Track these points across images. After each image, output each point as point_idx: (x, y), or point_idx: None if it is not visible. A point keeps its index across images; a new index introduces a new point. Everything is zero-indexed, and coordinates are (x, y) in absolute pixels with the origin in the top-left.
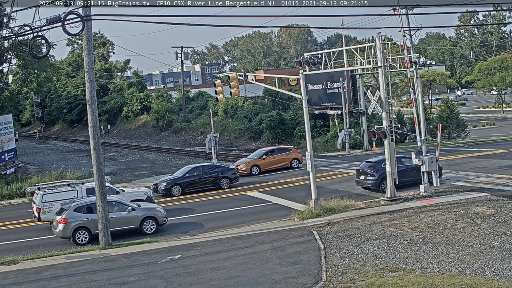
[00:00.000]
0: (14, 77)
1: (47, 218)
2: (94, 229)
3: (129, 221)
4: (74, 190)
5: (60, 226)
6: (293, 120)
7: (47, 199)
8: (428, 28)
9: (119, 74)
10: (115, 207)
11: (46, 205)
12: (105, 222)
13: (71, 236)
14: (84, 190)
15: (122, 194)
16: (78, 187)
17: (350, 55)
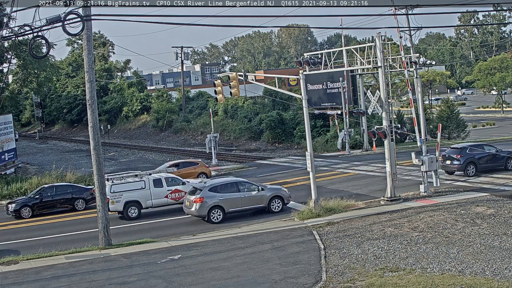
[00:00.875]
0: (14, 77)
1: (115, 208)
2: (227, 208)
3: (259, 200)
4: (141, 181)
5: (196, 205)
6: (293, 120)
7: (116, 189)
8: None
9: (119, 74)
10: (245, 187)
11: (115, 195)
12: (105, 222)
13: (206, 214)
14: (151, 180)
15: (187, 184)
16: (145, 178)
17: (350, 55)
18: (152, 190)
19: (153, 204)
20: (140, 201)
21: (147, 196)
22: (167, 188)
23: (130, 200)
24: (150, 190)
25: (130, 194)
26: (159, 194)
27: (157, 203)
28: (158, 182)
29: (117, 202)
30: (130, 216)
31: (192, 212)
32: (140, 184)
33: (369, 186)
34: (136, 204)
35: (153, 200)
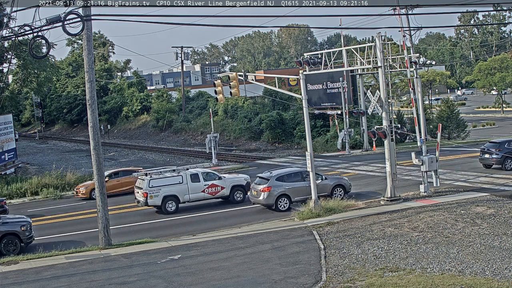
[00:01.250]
0: (14, 77)
1: (153, 203)
2: (293, 196)
3: (322, 188)
4: (179, 176)
5: (264, 194)
6: (293, 120)
7: (154, 184)
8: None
9: (119, 74)
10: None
11: (153, 190)
12: (105, 222)
13: (274, 203)
14: (189, 175)
15: (224, 179)
16: (183, 173)
17: (350, 55)
18: (189, 184)
19: (190, 198)
20: (178, 196)
21: (184, 191)
22: (204, 182)
23: (168, 195)
24: (188, 185)
25: (168, 189)
26: (196, 189)
27: (194, 197)
28: (195, 177)
29: (156, 197)
30: (168, 211)
31: (260, 201)
32: (178, 178)
33: (369, 186)
34: (174, 198)
35: (191, 194)
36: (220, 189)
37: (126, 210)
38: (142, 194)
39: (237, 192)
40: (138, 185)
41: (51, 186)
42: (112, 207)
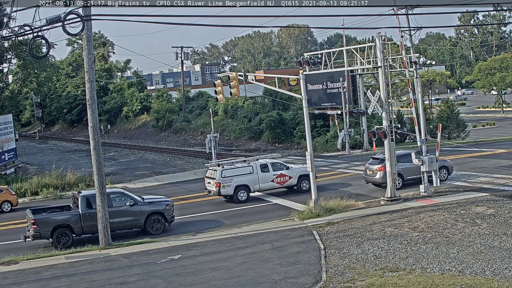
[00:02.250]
0: (14, 77)
1: (226, 193)
2: (406, 175)
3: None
4: (249, 166)
5: (380, 173)
6: (293, 120)
7: (226, 174)
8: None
9: (119, 74)
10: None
11: (225, 180)
12: (105, 222)
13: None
14: (258, 166)
15: (291, 169)
16: (253, 163)
17: (350, 55)
18: (259, 174)
19: (260, 188)
20: (249, 185)
21: (255, 181)
22: (273, 172)
23: (240, 185)
24: (258, 174)
25: (239, 179)
26: (266, 179)
27: (264, 187)
28: (265, 167)
29: (228, 187)
30: (239, 200)
31: (376, 180)
32: (248, 169)
33: (369, 186)
34: (245, 188)
35: (261, 184)
36: (288, 178)
37: None
38: (214, 184)
39: (304, 182)
40: (209, 176)
41: (51, 186)
42: None
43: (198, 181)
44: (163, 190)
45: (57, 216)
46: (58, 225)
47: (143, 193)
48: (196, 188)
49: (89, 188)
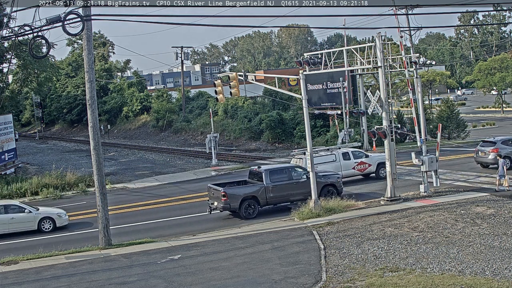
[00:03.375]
0: (14, 77)
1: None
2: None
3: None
4: (332, 155)
5: (492, 154)
6: (293, 120)
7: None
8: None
9: (119, 74)
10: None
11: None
12: (105, 222)
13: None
14: (341, 154)
15: (370, 157)
16: (335, 152)
17: (350, 55)
18: (341, 162)
19: (342, 175)
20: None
21: (337, 168)
22: (354, 160)
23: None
24: (340, 162)
25: (324, 167)
26: (348, 166)
27: (345, 174)
28: (346, 155)
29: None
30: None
31: (488, 161)
32: (332, 157)
33: (369, 186)
34: None
35: (343, 171)
36: (367, 166)
37: (126, 210)
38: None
39: (382, 169)
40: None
41: (51, 186)
42: (112, 207)
43: (198, 181)
44: (163, 190)
45: (245, 189)
46: (246, 197)
47: (144, 193)
48: (196, 188)
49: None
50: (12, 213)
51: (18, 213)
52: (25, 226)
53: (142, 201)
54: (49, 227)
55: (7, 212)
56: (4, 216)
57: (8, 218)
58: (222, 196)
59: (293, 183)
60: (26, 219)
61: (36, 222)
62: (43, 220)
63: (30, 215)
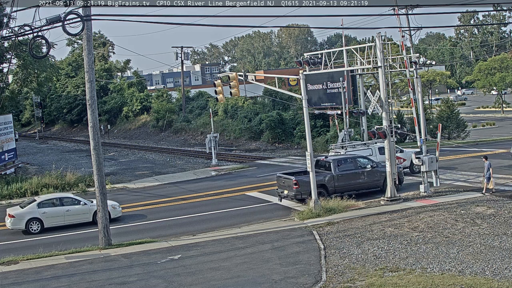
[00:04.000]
0: (14, 77)
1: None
2: None
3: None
4: (369, 149)
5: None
6: (293, 120)
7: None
8: (428, 28)
9: (119, 74)
10: None
11: None
12: (105, 222)
13: None
14: (377, 148)
15: (405, 152)
16: (372, 146)
17: (350, 55)
18: (378, 156)
19: None
20: None
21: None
22: None
23: None
24: (376, 156)
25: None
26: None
27: None
28: (382, 150)
29: None
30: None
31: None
32: (368, 151)
33: None
34: None
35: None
36: (402, 161)
37: (126, 210)
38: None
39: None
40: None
41: (51, 186)
42: None
43: (198, 181)
44: (163, 190)
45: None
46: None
47: (144, 193)
48: (196, 188)
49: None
50: (67, 205)
51: (73, 205)
52: (81, 218)
53: (142, 201)
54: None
55: (62, 205)
56: (60, 209)
57: (64, 210)
58: (294, 184)
59: (358, 172)
60: (82, 211)
61: (91, 214)
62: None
63: (85, 207)
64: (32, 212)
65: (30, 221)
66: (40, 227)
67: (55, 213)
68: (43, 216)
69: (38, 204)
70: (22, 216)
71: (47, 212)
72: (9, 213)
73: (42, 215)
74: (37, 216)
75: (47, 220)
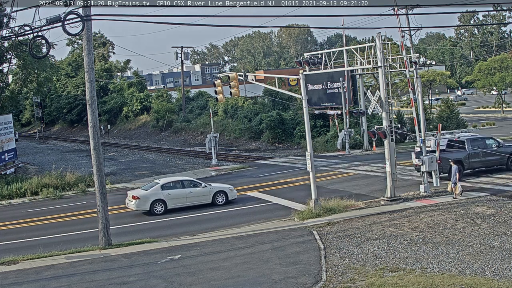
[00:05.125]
0: (14, 77)
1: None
2: None
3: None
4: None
5: None
6: (293, 120)
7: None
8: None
9: (119, 74)
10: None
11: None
12: (105, 222)
13: None
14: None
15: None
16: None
17: (350, 55)
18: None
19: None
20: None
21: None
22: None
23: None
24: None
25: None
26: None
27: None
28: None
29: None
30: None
31: None
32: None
33: (369, 186)
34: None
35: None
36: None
37: (126, 210)
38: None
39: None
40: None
41: (51, 186)
42: (112, 207)
43: None
44: None
45: (454, 154)
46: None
47: None
48: None
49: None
50: (188, 187)
51: (194, 188)
52: (201, 200)
53: None
54: (222, 201)
55: (184, 187)
56: (182, 191)
57: (186, 192)
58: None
59: (487, 151)
60: (202, 193)
61: (211, 195)
62: (217, 193)
63: (206, 189)
64: (156, 194)
65: (155, 202)
66: (164, 209)
67: (177, 194)
68: (167, 198)
69: (161, 186)
70: (147, 197)
71: (170, 194)
72: (133, 194)
73: (166, 196)
74: (161, 197)
75: (170, 201)
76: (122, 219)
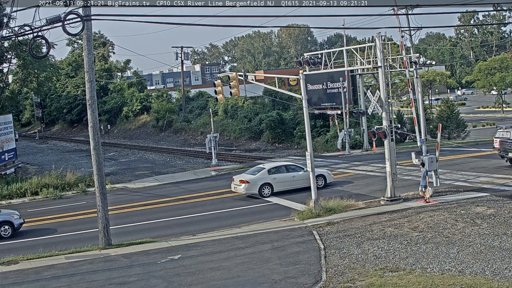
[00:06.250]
0: (14, 77)
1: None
2: None
3: None
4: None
5: None
6: (293, 120)
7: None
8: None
9: (119, 74)
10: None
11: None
12: (105, 222)
13: None
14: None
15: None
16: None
17: (350, 55)
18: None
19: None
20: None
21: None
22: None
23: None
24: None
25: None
26: None
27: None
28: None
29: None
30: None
31: None
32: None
33: (369, 186)
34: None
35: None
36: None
37: (126, 210)
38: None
39: None
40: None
41: (51, 186)
42: (112, 207)
43: (198, 181)
44: (163, 190)
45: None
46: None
47: (144, 193)
48: (196, 188)
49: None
50: (292, 172)
51: (297, 172)
52: (303, 183)
53: (142, 201)
54: (321, 184)
55: (288, 171)
56: (287, 175)
57: (290, 176)
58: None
59: None
60: (305, 176)
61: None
62: (317, 177)
63: (307, 173)
64: (264, 178)
65: (263, 186)
66: (271, 191)
67: (283, 178)
68: (273, 182)
69: (268, 171)
70: (255, 181)
71: (277, 177)
72: (242, 179)
73: (272, 180)
74: (268, 181)
75: (276, 185)
76: (122, 219)
